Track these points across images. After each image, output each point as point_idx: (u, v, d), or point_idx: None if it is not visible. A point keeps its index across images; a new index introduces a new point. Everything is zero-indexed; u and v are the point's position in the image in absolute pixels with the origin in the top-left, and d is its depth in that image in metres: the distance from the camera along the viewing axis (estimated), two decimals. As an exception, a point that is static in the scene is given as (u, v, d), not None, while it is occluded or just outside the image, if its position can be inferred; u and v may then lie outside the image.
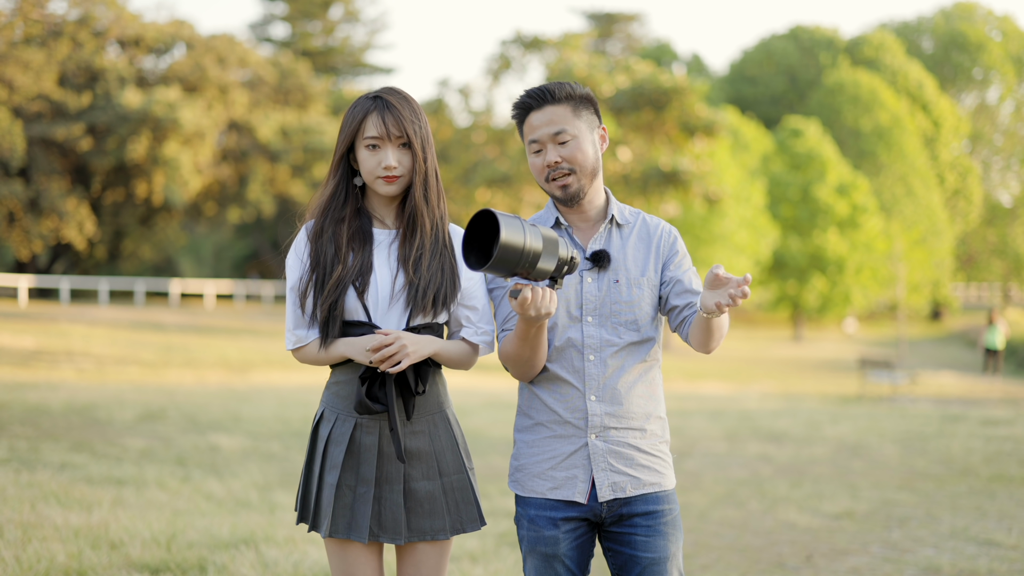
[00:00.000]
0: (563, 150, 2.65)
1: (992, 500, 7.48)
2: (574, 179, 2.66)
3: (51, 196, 33.25)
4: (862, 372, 19.22)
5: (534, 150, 2.69)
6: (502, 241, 2.28)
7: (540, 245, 2.36)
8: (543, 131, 2.66)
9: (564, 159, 2.65)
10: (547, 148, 2.66)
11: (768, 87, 52.51)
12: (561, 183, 2.67)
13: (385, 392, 2.65)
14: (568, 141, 2.65)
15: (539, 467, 2.71)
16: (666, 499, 2.71)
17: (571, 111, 2.67)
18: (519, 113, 2.72)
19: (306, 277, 2.68)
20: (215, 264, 47.98)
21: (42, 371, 15.24)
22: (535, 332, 2.56)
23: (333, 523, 2.67)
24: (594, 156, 2.69)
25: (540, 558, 2.69)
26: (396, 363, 2.59)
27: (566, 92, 2.67)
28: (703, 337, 2.60)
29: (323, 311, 2.64)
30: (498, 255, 2.29)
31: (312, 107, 41.30)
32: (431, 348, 2.67)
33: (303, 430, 10.30)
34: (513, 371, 2.69)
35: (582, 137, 2.67)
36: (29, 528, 5.18)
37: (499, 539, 5.89)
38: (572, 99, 2.68)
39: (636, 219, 2.78)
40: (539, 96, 2.67)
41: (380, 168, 2.67)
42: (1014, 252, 51.70)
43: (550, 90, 2.67)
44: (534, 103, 2.68)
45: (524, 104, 2.70)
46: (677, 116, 28.34)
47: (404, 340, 2.59)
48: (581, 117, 2.68)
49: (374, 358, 2.58)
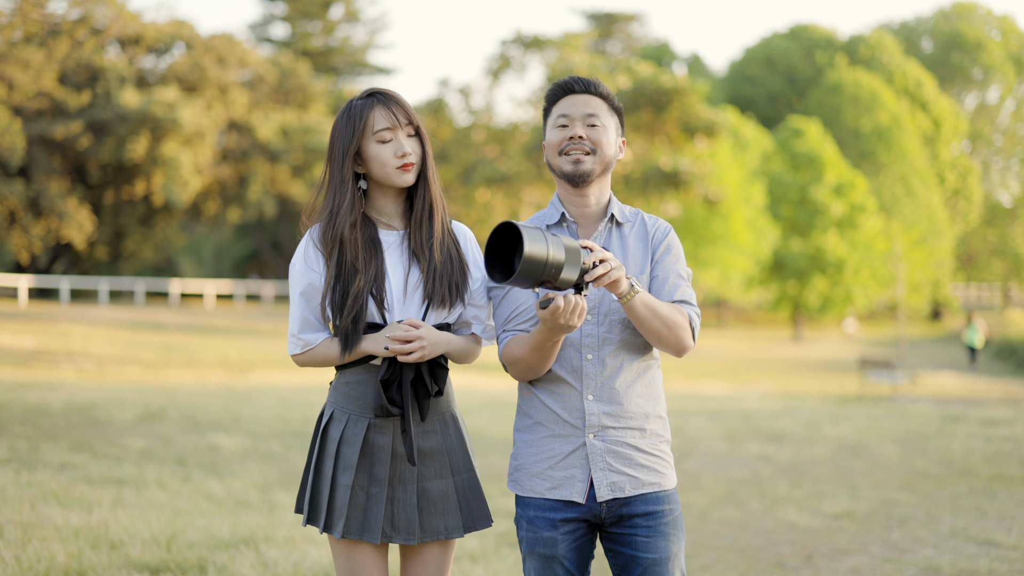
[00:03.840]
0: (591, 131, 2.71)
1: (992, 500, 7.48)
2: (590, 159, 2.70)
3: (51, 196, 33.24)
4: (862, 372, 19.22)
5: (560, 124, 2.72)
6: (526, 254, 2.28)
7: (563, 256, 2.35)
8: (578, 110, 2.72)
9: (589, 138, 2.70)
10: (575, 124, 2.71)
11: (767, 87, 52.50)
12: (576, 157, 2.69)
13: (402, 395, 2.66)
14: (597, 126, 2.71)
15: (538, 467, 2.71)
16: (666, 499, 2.70)
17: (607, 107, 2.75)
18: (557, 93, 2.76)
19: (321, 286, 2.68)
20: (215, 264, 47.97)
21: (42, 371, 15.24)
22: (552, 344, 2.57)
23: (347, 524, 2.66)
24: (614, 151, 2.75)
25: (539, 559, 2.69)
26: (416, 356, 2.61)
27: (606, 92, 2.76)
28: (647, 336, 2.61)
29: (346, 323, 2.64)
30: (522, 268, 2.29)
31: (312, 107, 41.29)
32: (447, 346, 2.69)
33: (303, 430, 10.29)
34: (514, 373, 2.69)
35: (610, 129, 2.74)
36: (29, 528, 5.18)
37: (499, 539, 5.89)
38: (610, 100, 2.76)
39: (636, 218, 2.80)
40: (582, 83, 2.74)
41: (395, 157, 2.67)
42: (1014, 252, 51.69)
43: (594, 82, 2.75)
44: (577, 87, 2.73)
45: (565, 86, 2.75)
46: (678, 116, 28.33)
47: (424, 339, 2.62)
48: (613, 121, 2.76)
49: (393, 347, 2.59)
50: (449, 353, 2.72)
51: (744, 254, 35.88)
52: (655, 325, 2.58)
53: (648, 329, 2.59)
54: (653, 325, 2.58)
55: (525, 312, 2.70)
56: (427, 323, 2.68)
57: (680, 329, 2.62)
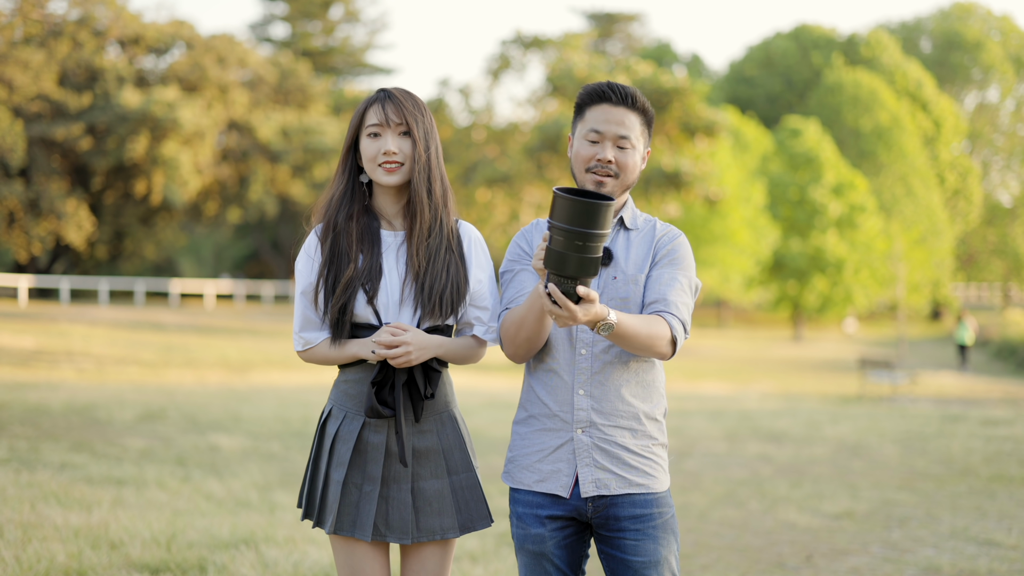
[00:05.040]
0: (620, 154, 2.68)
1: (992, 500, 7.48)
2: (613, 182, 2.69)
3: (51, 196, 33.24)
4: (862, 372, 19.21)
5: (591, 139, 2.69)
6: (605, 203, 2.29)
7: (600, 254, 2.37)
8: (612, 128, 2.67)
9: (616, 162, 2.68)
10: (605, 144, 2.67)
11: (767, 87, 52.49)
12: (600, 180, 2.68)
13: (394, 396, 2.67)
14: (627, 149, 2.68)
15: (528, 459, 2.72)
16: (656, 503, 2.68)
17: (640, 124, 2.72)
18: (592, 98, 2.71)
19: (316, 278, 2.69)
20: (215, 264, 47.98)
21: (42, 371, 15.24)
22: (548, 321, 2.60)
23: (338, 520, 2.68)
24: (638, 172, 2.74)
25: (529, 555, 2.71)
26: (402, 361, 2.62)
27: (644, 105, 2.71)
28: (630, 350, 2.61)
29: (334, 313, 2.66)
30: (599, 207, 2.29)
31: (312, 107, 41.30)
32: (437, 349, 2.68)
33: (303, 430, 10.30)
34: (508, 348, 2.68)
35: (637, 151, 2.71)
36: (29, 528, 5.18)
37: (499, 539, 5.89)
38: (646, 114, 2.72)
39: (647, 226, 2.78)
40: (622, 94, 2.69)
41: (380, 155, 2.68)
42: (1014, 252, 51.68)
43: (633, 94, 2.69)
44: (615, 97, 2.69)
45: (604, 93, 2.70)
46: (678, 117, 28.33)
47: (410, 344, 2.61)
48: (643, 134, 2.73)
49: (379, 351, 2.60)
50: (443, 356, 2.72)
51: (744, 254, 35.88)
52: (636, 345, 2.56)
53: (632, 348, 2.58)
54: (634, 346, 2.56)
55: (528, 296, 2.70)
56: (419, 328, 2.68)
57: (657, 342, 2.58)
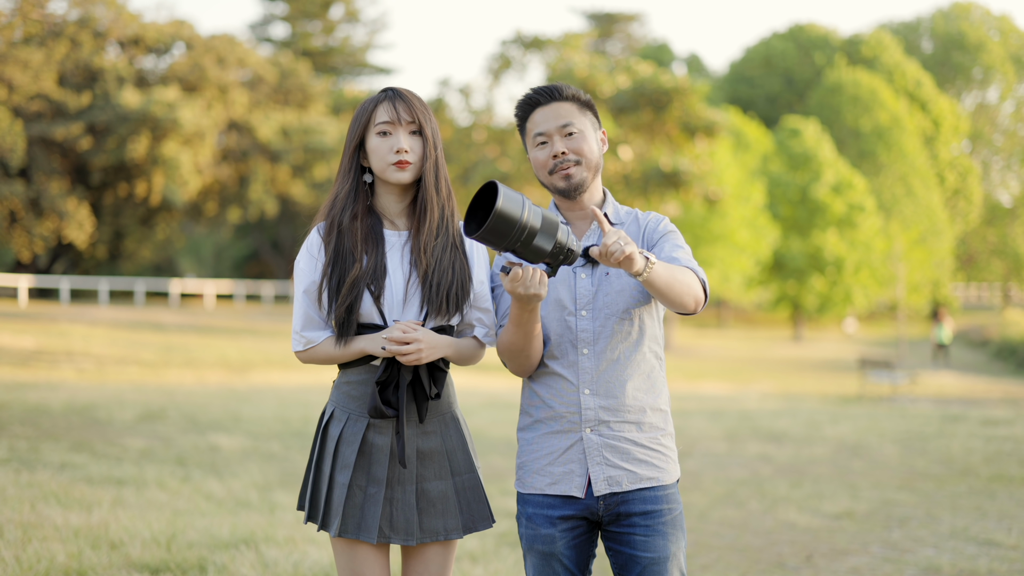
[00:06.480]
0: (570, 142, 2.70)
1: (992, 500, 7.48)
2: (578, 170, 2.70)
3: (51, 196, 33.23)
4: (862, 372, 19.21)
5: (539, 142, 2.73)
6: (498, 209, 2.31)
7: (538, 224, 2.38)
8: (550, 124, 2.71)
9: (571, 150, 2.70)
10: (554, 140, 2.70)
11: (767, 87, 52.49)
12: (565, 173, 2.70)
13: (398, 397, 2.66)
14: (575, 134, 2.71)
15: (538, 463, 2.73)
16: (665, 498, 2.70)
17: (577, 109, 2.74)
18: (525, 109, 2.75)
19: (320, 277, 2.69)
20: (215, 264, 47.97)
21: (42, 371, 15.23)
22: (528, 317, 2.58)
23: (343, 523, 2.67)
24: (598, 152, 2.75)
25: (538, 556, 2.72)
26: (413, 359, 2.61)
27: (571, 92, 2.74)
28: (666, 302, 2.59)
29: (340, 313, 2.65)
30: (492, 222, 2.32)
31: (312, 107, 41.29)
32: (447, 349, 2.69)
33: (303, 430, 10.30)
34: (510, 364, 2.70)
35: (587, 133, 2.73)
36: (29, 528, 5.18)
37: (499, 539, 5.89)
38: (578, 100, 2.74)
39: (629, 218, 2.81)
40: (546, 93, 2.73)
41: (392, 153, 2.67)
42: (1014, 252, 51.68)
43: (557, 88, 2.73)
44: (541, 99, 2.73)
45: (531, 100, 2.74)
46: (678, 116, 28.32)
47: (422, 342, 2.61)
48: (586, 116, 2.75)
49: (390, 347, 2.59)
50: (450, 356, 2.72)
51: (744, 254, 35.86)
52: (675, 291, 2.54)
53: (667, 296, 2.55)
54: (672, 292, 2.54)
55: None
56: (426, 326, 2.68)
57: (694, 287, 2.60)
